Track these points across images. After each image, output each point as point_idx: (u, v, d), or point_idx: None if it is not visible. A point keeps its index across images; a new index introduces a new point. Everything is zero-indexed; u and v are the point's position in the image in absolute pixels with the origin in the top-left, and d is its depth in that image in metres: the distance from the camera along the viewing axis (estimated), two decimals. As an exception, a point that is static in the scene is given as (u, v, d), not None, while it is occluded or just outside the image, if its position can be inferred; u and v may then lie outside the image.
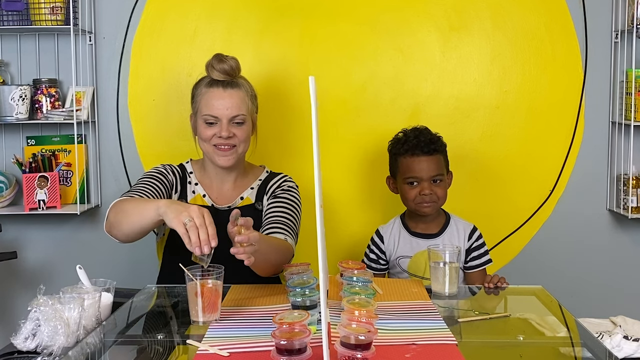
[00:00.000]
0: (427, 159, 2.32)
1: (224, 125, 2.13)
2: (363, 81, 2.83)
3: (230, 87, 2.16)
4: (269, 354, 1.41)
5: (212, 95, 2.14)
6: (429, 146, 2.33)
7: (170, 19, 2.83)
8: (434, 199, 2.32)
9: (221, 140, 2.14)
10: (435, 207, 2.34)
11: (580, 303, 2.48)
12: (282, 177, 2.28)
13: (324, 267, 1.35)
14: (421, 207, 2.33)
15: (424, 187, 2.31)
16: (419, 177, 2.32)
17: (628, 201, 2.72)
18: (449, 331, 1.62)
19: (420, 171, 2.32)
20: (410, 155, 2.33)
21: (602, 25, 2.81)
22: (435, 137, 2.38)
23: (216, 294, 1.70)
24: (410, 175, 2.33)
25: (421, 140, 2.34)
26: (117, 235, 1.97)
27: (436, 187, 2.32)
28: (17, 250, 2.73)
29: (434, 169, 2.32)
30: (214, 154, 2.16)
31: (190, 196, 2.22)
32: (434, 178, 2.32)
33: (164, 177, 2.19)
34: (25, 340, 1.57)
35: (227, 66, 2.15)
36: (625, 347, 1.87)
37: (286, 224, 2.10)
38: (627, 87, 2.73)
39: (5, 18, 2.72)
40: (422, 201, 2.32)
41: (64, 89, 2.85)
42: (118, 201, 1.99)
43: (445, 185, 2.36)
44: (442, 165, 2.36)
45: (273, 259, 1.95)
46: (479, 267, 2.35)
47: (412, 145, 2.34)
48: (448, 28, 2.82)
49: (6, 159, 2.85)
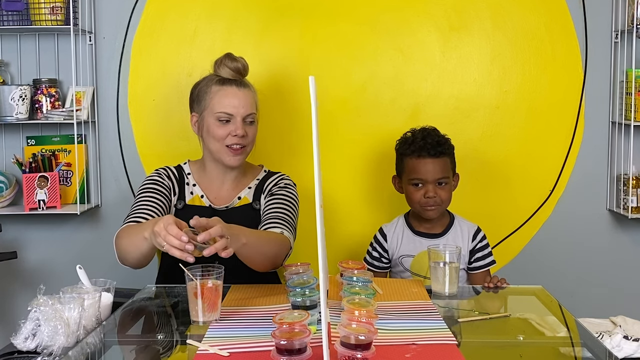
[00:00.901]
0: (433, 161, 2.31)
1: (238, 123, 2.14)
2: (363, 81, 2.83)
3: (243, 87, 2.18)
4: (269, 354, 1.41)
5: (226, 93, 2.15)
6: (435, 148, 2.31)
7: (170, 19, 2.83)
8: (438, 202, 2.31)
9: (236, 139, 2.14)
10: (439, 210, 2.34)
11: (580, 303, 2.48)
12: (279, 176, 2.28)
13: (324, 267, 1.35)
14: (425, 210, 2.32)
15: (429, 189, 2.30)
16: (424, 179, 2.31)
17: (628, 201, 2.72)
18: (449, 331, 1.62)
19: (425, 173, 2.31)
20: (417, 157, 2.32)
21: (602, 25, 2.81)
22: (442, 139, 2.36)
23: (216, 294, 1.70)
24: (415, 176, 2.32)
25: (428, 142, 2.32)
26: (131, 265, 1.99)
27: (441, 189, 2.31)
28: (17, 250, 2.73)
29: (439, 171, 2.31)
30: (225, 154, 2.16)
31: (189, 197, 2.22)
32: (439, 181, 2.31)
33: (161, 185, 2.18)
34: (25, 340, 1.57)
35: (239, 65, 2.18)
36: (625, 347, 1.87)
37: (283, 218, 2.10)
38: (627, 87, 2.73)
39: (5, 18, 2.72)
40: (426, 204, 2.31)
41: (64, 89, 2.85)
42: (119, 232, 1.99)
43: (450, 188, 2.35)
44: (448, 167, 2.35)
45: (267, 250, 1.95)
46: (482, 268, 2.35)
47: (418, 147, 2.33)
48: (448, 28, 2.82)
49: (6, 159, 2.85)
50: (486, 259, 2.35)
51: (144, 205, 2.10)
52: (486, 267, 2.35)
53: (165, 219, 1.70)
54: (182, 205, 2.19)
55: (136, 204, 2.12)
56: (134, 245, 1.87)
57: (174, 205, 2.19)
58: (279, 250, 1.99)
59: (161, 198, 2.14)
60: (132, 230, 1.94)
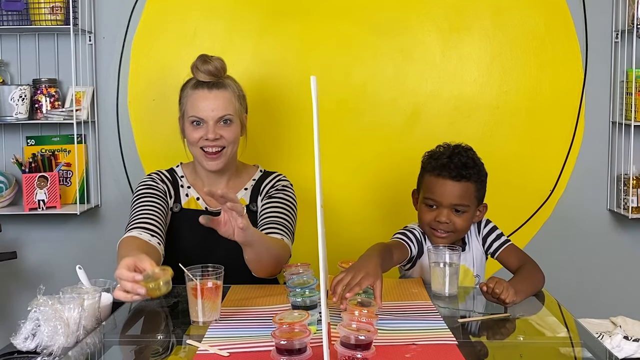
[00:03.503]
0: (452, 184, 2.06)
1: (210, 127, 2.09)
2: (363, 81, 2.83)
3: (216, 88, 2.11)
4: (269, 354, 1.41)
5: (197, 97, 2.10)
6: (459, 170, 2.06)
7: (170, 19, 2.83)
8: (451, 229, 2.08)
9: (208, 142, 2.09)
10: (450, 238, 2.10)
11: (580, 303, 2.47)
12: (276, 176, 2.24)
13: (324, 267, 1.35)
14: (434, 234, 2.11)
15: (442, 213, 2.07)
16: (439, 202, 2.08)
17: (628, 201, 2.72)
18: (449, 331, 1.62)
19: (441, 195, 2.07)
20: (436, 175, 2.08)
21: (602, 25, 2.81)
22: (471, 163, 2.09)
23: (216, 294, 1.70)
24: (430, 196, 2.09)
25: (453, 161, 2.07)
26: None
27: (457, 216, 2.08)
28: (17, 250, 2.73)
29: (457, 197, 2.06)
30: (202, 158, 2.12)
31: (184, 200, 2.19)
32: (456, 207, 2.07)
33: (157, 189, 2.15)
34: (25, 340, 1.57)
35: (211, 67, 2.10)
36: (625, 347, 1.87)
37: (282, 223, 2.08)
38: (627, 87, 2.73)
39: (5, 18, 2.72)
40: (436, 227, 2.09)
41: (63, 89, 2.85)
42: (120, 243, 1.94)
43: (469, 217, 2.10)
44: (471, 195, 2.09)
45: (273, 250, 1.94)
46: (503, 245, 2.17)
47: (440, 164, 2.09)
48: (448, 28, 2.82)
49: (6, 159, 2.85)
50: (501, 238, 2.19)
51: (144, 211, 2.06)
52: (506, 243, 2.18)
53: (122, 262, 1.59)
54: (178, 208, 2.17)
55: (135, 210, 2.08)
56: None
57: (170, 208, 2.17)
58: (281, 258, 1.98)
59: (159, 201, 2.12)
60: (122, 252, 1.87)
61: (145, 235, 1.97)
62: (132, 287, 1.53)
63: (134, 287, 1.53)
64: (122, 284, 1.56)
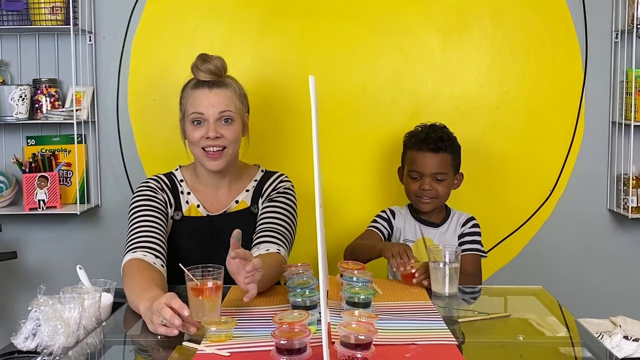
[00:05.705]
0: (431, 156, 2.38)
1: (211, 125, 2.07)
2: (363, 81, 2.83)
3: (217, 87, 2.10)
4: (269, 354, 1.41)
5: (198, 95, 2.09)
6: (436, 143, 2.38)
7: (170, 19, 2.83)
8: (433, 195, 2.37)
9: (209, 141, 2.07)
10: (434, 203, 2.39)
11: (580, 303, 2.47)
12: (278, 177, 2.21)
13: (324, 267, 1.35)
14: (420, 202, 2.39)
15: (425, 182, 2.37)
16: (421, 172, 2.38)
17: (628, 201, 2.72)
18: (448, 331, 1.62)
19: (422, 166, 2.38)
20: (417, 150, 2.41)
21: (602, 25, 2.81)
22: (445, 136, 2.42)
23: (216, 294, 1.70)
24: (413, 168, 2.40)
25: (430, 136, 2.40)
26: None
27: (437, 184, 2.37)
28: (17, 250, 2.73)
29: (436, 166, 2.37)
30: (204, 159, 2.10)
31: (185, 207, 2.15)
32: (436, 176, 2.37)
33: (155, 200, 2.10)
34: (26, 340, 1.57)
35: (212, 66, 2.09)
36: (625, 347, 1.88)
37: (279, 231, 2.06)
38: (627, 87, 2.73)
39: (5, 18, 2.72)
40: (421, 195, 2.38)
41: (63, 89, 2.85)
42: (123, 268, 1.92)
43: (448, 184, 2.40)
44: (448, 164, 2.40)
45: (269, 280, 1.95)
46: (470, 250, 2.34)
47: (419, 140, 2.41)
48: (448, 28, 2.82)
49: (6, 159, 2.86)
50: (473, 245, 2.36)
51: (145, 228, 2.01)
52: (474, 251, 2.34)
53: (166, 296, 1.60)
54: (180, 216, 2.14)
55: (135, 225, 2.03)
56: (132, 303, 1.81)
57: (171, 217, 2.13)
58: (280, 271, 1.98)
59: (159, 215, 2.07)
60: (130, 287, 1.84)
61: (149, 257, 1.94)
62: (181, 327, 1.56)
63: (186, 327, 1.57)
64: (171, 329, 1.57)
